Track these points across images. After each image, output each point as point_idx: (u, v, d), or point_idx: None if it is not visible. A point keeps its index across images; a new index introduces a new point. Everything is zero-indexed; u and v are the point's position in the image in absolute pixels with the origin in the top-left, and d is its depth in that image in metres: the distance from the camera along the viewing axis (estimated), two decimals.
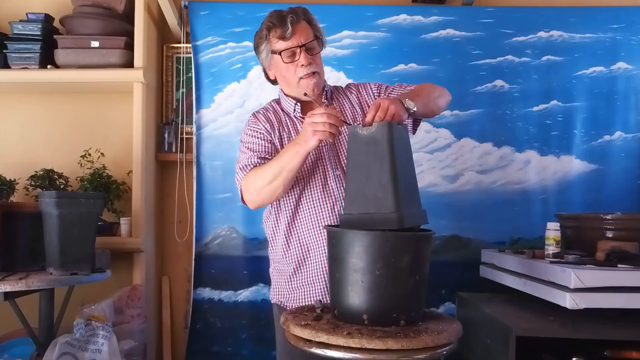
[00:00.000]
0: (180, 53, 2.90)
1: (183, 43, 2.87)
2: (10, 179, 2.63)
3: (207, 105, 2.81)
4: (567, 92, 2.80)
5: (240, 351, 2.75)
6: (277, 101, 1.88)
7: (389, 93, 1.84)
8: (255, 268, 2.75)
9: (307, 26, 1.73)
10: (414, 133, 1.88)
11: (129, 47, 2.65)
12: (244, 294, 2.76)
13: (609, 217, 2.04)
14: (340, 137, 1.65)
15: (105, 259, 2.37)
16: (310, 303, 1.69)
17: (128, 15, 2.70)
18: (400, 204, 1.39)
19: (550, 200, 2.78)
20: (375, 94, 1.85)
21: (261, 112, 1.84)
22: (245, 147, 1.77)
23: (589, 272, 1.75)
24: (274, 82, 1.86)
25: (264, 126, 1.78)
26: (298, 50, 1.69)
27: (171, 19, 2.75)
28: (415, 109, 1.60)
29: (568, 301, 1.73)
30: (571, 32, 2.80)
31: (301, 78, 1.71)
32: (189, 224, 2.86)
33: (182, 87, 2.90)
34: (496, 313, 1.99)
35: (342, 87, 1.92)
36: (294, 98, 1.80)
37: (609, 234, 2.01)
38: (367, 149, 1.45)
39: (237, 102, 2.81)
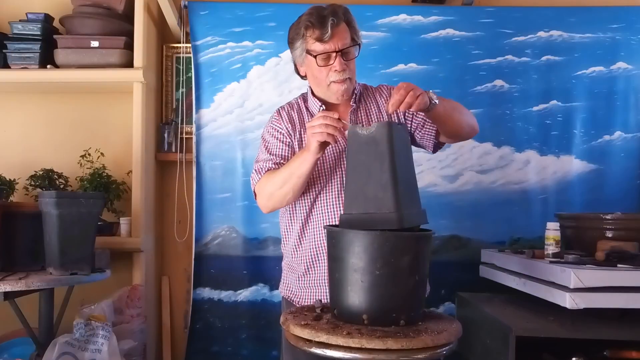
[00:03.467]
0: (180, 53, 2.90)
1: (183, 43, 2.86)
2: (10, 179, 2.63)
3: (207, 105, 2.81)
4: (566, 92, 2.80)
5: (240, 351, 2.75)
6: (304, 98, 1.86)
7: None
8: (255, 268, 2.75)
9: (346, 29, 1.69)
10: (433, 152, 1.87)
11: (129, 47, 2.65)
12: (244, 294, 2.76)
13: (608, 217, 2.04)
14: None
15: (105, 259, 2.37)
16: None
17: (128, 15, 2.70)
18: (400, 204, 1.39)
19: (550, 200, 2.78)
20: None
21: (285, 110, 1.83)
22: (265, 146, 1.79)
23: (589, 272, 1.75)
24: (303, 77, 1.83)
25: (285, 126, 1.78)
26: (334, 54, 1.66)
27: (171, 18, 2.75)
28: (437, 101, 1.59)
29: (568, 301, 1.73)
30: (571, 32, 2.80)
31: (332, 82, 1.70)
32: (188, 224, 2.86)
33: (182, 87, 2.90)
34: (496, 313, 1.99)
35: (373, 88, 1.88)
36: (320, 99, 1.78)
37: (609, 234, 2.01)
38: (367, 148, 1.45)
39: (236, 102, 2.81)
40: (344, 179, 1.71)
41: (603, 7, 2.85)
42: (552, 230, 2.05)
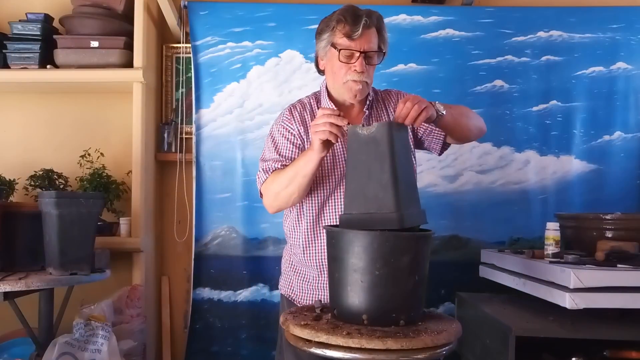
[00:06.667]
0: (179, 53, 2.90)
1: (183, 43, 2.86)
2: (9, 179, 2.63)
3: (207, 105, 2.81)
4: (566, 92, 2.80)
5: (239, 351, 2.75)
6: (317, 98, 1.83)
7: None
8: (255, 268, 2.75)
9: (375, 34, 1.69)
10: (439, 154, 1.89)
11: (129, 47, 2.65)
12: (244, 294, 2.76)
13: (608, 217, 2.04)
14: None
15: (104, 259, 2.36)
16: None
17: (127, 15, 2.70)
18: (401, 204, 1.39)
19: (549, 200, 2.78)
20: None
21: (298, 110, 1.80)
22: (274, 144, 1.77)
23: (589, 272, 1.75)
24: (322, 72, 1.82)
25: (297, 128, 1.76)
26: (357, 54, 1.66)
27: (171, 19, 2.75)
28: (444, 112, 1.61)
29: (568, 301, 1.73)
30: (571, 32, 2.80)
31: (349, 80, 1.69)
32: (188, 224, 2.86)
33: (182, 87, 2.90)
34: (496, 313, 1.99)
35: (382, 92, 1.88)
36: (334, 101, 1.77)
37: (609, 234, 2.01)
38: (367, 148, 1.45)
39: (236, 102, 2.80)
40: None
41: (603, 7, 2.85)
42: (552, 230, 2.05)
